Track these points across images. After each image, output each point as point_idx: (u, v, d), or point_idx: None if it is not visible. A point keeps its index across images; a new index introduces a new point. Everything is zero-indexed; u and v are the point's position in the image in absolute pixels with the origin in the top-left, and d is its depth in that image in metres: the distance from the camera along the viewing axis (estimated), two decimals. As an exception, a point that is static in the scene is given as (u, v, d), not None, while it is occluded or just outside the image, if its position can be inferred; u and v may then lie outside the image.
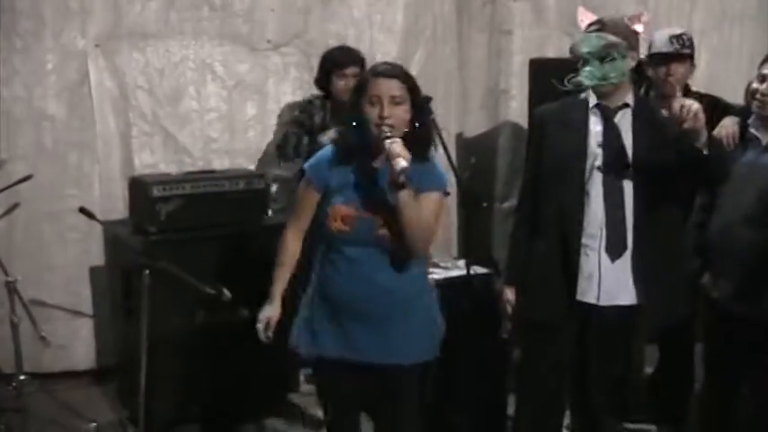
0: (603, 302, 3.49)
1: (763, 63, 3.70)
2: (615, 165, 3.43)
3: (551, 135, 3.54)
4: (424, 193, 3.13)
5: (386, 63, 3.26)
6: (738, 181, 3.67)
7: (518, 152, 5.67)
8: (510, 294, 3.75)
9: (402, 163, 2.93)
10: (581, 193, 3.47)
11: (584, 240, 3.48)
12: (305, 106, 4.86)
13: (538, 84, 5.06)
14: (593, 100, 3.51)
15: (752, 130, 3.75)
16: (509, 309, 3.77)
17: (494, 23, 5.88)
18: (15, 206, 5.03)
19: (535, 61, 5.21)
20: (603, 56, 3.38)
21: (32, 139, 5.06)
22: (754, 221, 3.61)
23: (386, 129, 3.03)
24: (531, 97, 5.12)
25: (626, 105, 3.49)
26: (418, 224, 3.07)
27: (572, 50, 3.48)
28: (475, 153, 5.68)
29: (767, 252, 3.59)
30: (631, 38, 3.44)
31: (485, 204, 5.13)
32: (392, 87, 3.09)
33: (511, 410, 4.49)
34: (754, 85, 3.69)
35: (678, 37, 4.32)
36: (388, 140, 3.00)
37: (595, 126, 3.49)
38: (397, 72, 3.14)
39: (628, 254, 3.47)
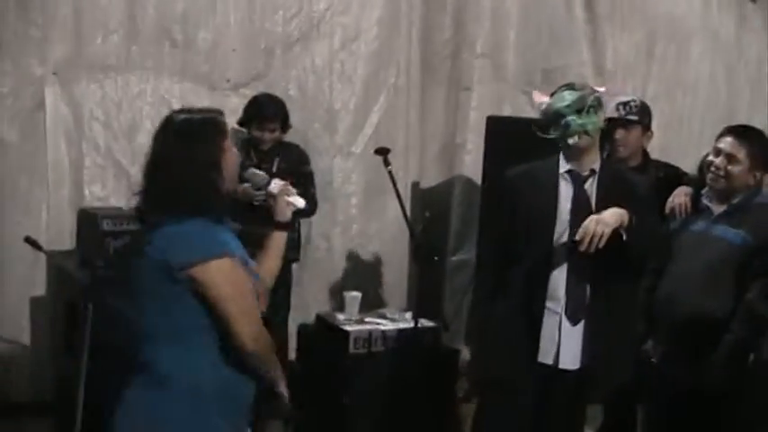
0: (562, 365, 3.52)
1: (719, 137, 3.78)
2: None
3: (522, 198, 3.56)
4: None
5: None
6: (688, 250, 3.73)
7: (471, 206, 5.71)
8: (468, 353, 3.77)
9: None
10: (548, 257, 3.50)
11: (547, 303, 3.51)
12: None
13: (494, 140, 5.11)
14: (563, 165, 3.55)
15: (705, 201, 3.81)
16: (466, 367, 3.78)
17: (453, 78, 5.93)
18: (-41, 229, 4.95)
19: (492, 118, 5.26)
20: (581, 108, 3.43)
21: (-17, 161, 5.00)
22: (698, 291, 3.66)
23: None
24: (487, 153, 5.16)
25: (593, 172, 3.54)
26: None
27: (545, 112, 3.52)
28: (429, 205, 5.71)
29: (708, 322, 3.65)
30: (597, 97, 3.52)
31: (436, 258, 5.13)
32: None
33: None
34: (710, 157, 3.76)
35: (625, 104, 4.40)
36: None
37: (566, 192, 3.53)
38: None
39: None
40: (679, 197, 3.92)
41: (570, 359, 3.53)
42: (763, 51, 6.36)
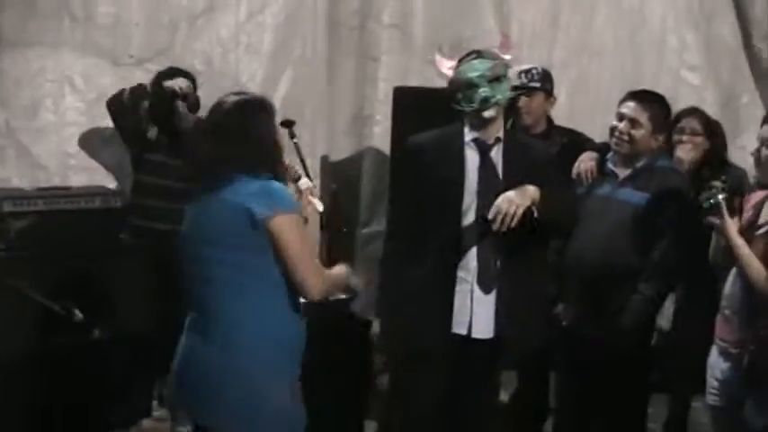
0: (475, 334, 3.53)
1: (622, 102, 3.85)
2: (491, 199, 3.45)
3: (428, 167, 3.54)
4: None
5: None
6: (594, 213, 3.81)
7: (381, 178, 5.70)
8: (381, 324, 3.77)
9: None
10: (458, 226, 3.49)
11: (459, 273, 3.50)
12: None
13: (402, 111, 5.09)
14: (468, 134, 3.54)
15: (610, 166, 3.89)
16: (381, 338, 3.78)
17: (361, 49, 5.90)
18: None
19: (399, 89, 5.24)
20: (493, 78, 3.43)
21: None
22: (605, 253, 3.75)
23: None
24: (395, 124, 5.15)
25: (498, 140, 3.54)
26: None
27: (455, 80, 3.51)
28: (339, 178, 5.68)
29: (615, 283, 3.75)
30: (505, 65, 3.53)
31: (344, 230, 5.12)
32: None
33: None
34: (613, 122, 3.82)
35: (527, 72, 4.44)
36: None
37: (472, 160, 3.52)
38: None
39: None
40: (585, 162, 3.98)
41: (483, 328, 3.52)
42: (666, 17, 6.46)
